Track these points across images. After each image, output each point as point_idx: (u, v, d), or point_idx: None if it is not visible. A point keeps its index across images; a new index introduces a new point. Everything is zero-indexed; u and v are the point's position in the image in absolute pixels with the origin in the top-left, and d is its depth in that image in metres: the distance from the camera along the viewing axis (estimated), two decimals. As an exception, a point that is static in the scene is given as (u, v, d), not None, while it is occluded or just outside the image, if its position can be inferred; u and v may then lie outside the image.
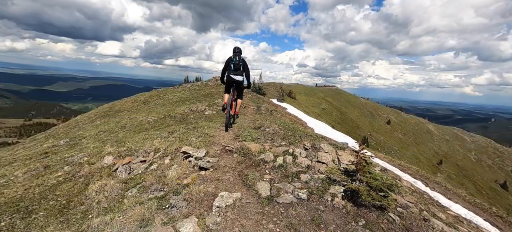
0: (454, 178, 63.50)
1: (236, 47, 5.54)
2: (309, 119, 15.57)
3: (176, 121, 10.20)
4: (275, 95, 44.68)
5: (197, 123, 8.38)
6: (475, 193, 60.74)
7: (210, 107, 11.70)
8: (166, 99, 17.32)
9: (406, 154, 62.72)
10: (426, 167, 60.74)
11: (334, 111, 66.88)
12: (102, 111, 17.30)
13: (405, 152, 63.96)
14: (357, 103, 77.28)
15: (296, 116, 14.63)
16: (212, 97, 15.79)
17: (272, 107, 15.48)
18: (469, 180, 65.45)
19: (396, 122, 74.70)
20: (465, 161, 69.26)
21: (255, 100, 17.15)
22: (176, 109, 11.97)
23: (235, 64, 5.21)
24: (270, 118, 10.83)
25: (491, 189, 66.32)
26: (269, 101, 18.72)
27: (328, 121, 57.92)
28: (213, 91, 18.49)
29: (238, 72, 5.38)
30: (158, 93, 19.73)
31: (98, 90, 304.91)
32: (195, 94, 17.56)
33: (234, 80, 5.37)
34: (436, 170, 63.72)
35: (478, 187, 65.84)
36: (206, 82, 21.77)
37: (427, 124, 77.65)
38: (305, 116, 16.90)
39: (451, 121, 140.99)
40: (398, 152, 61.78)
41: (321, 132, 11.41)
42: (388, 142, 64.67)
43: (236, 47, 5.53)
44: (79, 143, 8.80)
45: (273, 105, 17.87)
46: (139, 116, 13.04)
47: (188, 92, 18.71)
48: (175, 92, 19.32)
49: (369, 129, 66.63)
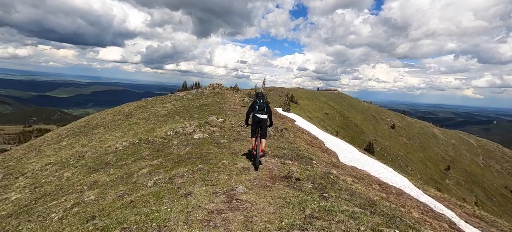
0: (463, 184, 60.25)
1: (260, 93, 6.12)
2: (325, 136, 12.59)
3: (152, 150, 7.21)
4: (279, 102, 41.75)
5: (180, 163, 5.34)
6: (485, 200, 57.42)
7: (201, 127, 8.69)
8: (153, 111, 14.31)
9: (412, 160, 59.60)
10: (434, 174, 57.59)
11: (337, 115, 63.91)
12: (76, 127, 14.27)
13: (411, 158, 60.81)
14: (360, 107, 74.32)
15: (309, 134, 11.64)
16: (206, 110, 12.81)
17: (280, 121, 12.47)
18: (479, 186, 62.16)
19: (400, 126, 71.66)
20: (473, 166, 66.06)
21: None
22: (158, 130, 8.96)
23: (259, 105, 5.69)
24: (282, 142, 7.85)
25: (502, 196, 62.96)
26: (275, 113, 15.75)
27: (331, 126, 54.93)
28: (209, 101, 15.53)
29: (262, 112, 5.71)
30: (145, 104, 16.72)
31: (99, 96, 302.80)
32: (188, 106, 14.59)
33: (260, 118, 5.64)
34: (445, 176, 60.52)
35: (487, 193, 62.49)
36: (202, 90, 18.81)
37: (432, 128, 74.59)
38: (319, 131, 13.92)
39: (452, 124, 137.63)
40: (404, 158, 58.67)
41: (347, 157, 8.43)
42: (393, 148, 61.56)
43: (260, 92, 6.19)
44: (1, 191, 5.77)
45: (280, 117, 14.88)
46: (111, 137, 10.00)
47: (180, 103, 15.73)
48: (165, 102, 16.32)
49: (373, 134, 63.58)
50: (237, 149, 6.56)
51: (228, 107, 14.08)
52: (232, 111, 13.05)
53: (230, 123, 9.01)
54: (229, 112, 12.69)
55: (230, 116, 11.28)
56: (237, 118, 10.60)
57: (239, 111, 13.68)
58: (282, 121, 12.97)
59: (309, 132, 11.88)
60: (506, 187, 62.99)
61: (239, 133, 8.27)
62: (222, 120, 9.15)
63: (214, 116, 9.45)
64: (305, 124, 14.78)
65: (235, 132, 8.26)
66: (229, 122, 9.15)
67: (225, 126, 8.74)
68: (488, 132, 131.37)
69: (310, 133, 11.75)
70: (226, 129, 8.54)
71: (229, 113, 12.53)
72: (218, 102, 15.19)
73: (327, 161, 6.39)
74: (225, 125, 8.81)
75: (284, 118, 15.00)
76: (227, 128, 8.58)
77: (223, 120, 9.25)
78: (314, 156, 6.80)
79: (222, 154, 6.10)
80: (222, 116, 10.39)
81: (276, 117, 14.24)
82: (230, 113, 12.53)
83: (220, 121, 9.09)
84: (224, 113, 12.45)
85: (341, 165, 6.38)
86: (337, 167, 6.09)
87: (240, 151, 6.44)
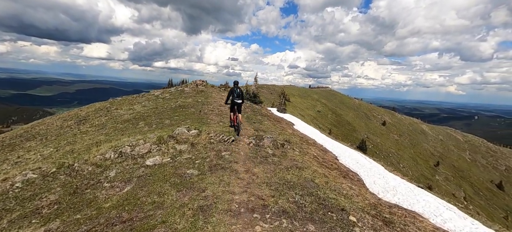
0: (452, 179, 60.03)
1: (236, 81, 7.63)
2: (332, 144, 9.74)
3: (63, 193, 4.05)
4: (271, 100, 38.73)
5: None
6: (473, 195, 57.39)
7: (161, 145, 5.52)
8: (114, 115, 10.93)
9: (403, 157, 58.67)
10: (424, 170, 56.88)
11: (330, 113, 61.93)
12: (10, 137, 10.64)
13: (402, 155, 59.87)
14: (351, 104, 72.80)
15: (317, 144, 8.71)
16: (183, 114, 9.63)
17: (278, 127, 9.46)
18: (466, 181, 62.19)
19: (391, 123, 70.78)
20: (460, 161, 66.21)
21: (251, 116, 11.09)
22: (97, 149, 5.70)
23: (237, 94, 7.25)
24: (288, 169, 4.86)
25: (488, 190, 63.28)
26: (270, 114, 12.75)
27: (324, 124, 52.68)
28: (188, 101, 12.31)
29: (239, 98, 7.28)
30: (110, 105, 13.24)
31: (85, 94, 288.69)
32: (161, 108, 11.33)
33: (238, 103, 7.25)
34: (434, 172, 60.01)
35: (475, 188, 62.57)
36: (183, 88, 15.49)
37: (421, 124, 74.36)
38: (323, 137, 11.08)
39: (437, 119, 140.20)
40: (396, 155, 57.59)
41: (378, 184, 5.63)
42: (385, 145, 60.40)
43: (236, 81, 7.61)
44: None
45: (276, 120, 11.89)
46: (34, 156, 6.65)
47: (153, 104, 12.43)
48: (134, 103, 12.93)
49: (365, 131, 62.16)
50: (211, 195, 3.52)
51: (211, 109, 10.94)
52: (216, 115, 9.96)
53: (208, 137, 5.92)
54: (212, 117, 9.58)
55: (211, 123, 8.21)
56: (220, 127, 7.54)
57: (226, 114, 10.66)
58: (280, 127, 9.98)
59: (315, 141, 8.99)
60: (492, 181, 63.50)
61: (219, 154, 5.21)
62: (195, 133, 6.02)
63: (185, 126, 6.27)
64: (306, 128, 11.92)
65: (213, 153, 5.20)
66: (207, 135, 6.05)
67: (199, 141, 5.66)
68: (470, 127, 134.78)
69: (316, 143, 8.85)
70: (200, 147, 5.47)
71: (211, 118, 9.42)
72: (199, 103, 12.02)
73: (369, 211, 3.53)
74: (200, 140, 5.72)
75: (281, 121, 12.05)
76: (202, 146, 5.50)
77: (198, 131, 6.12)
78: (344, 199, 3.90)
79: (180, 211, 3.06)
80: (197, 124, 7.26)
81: (271, 120, 11.31)
82: (212, 118, 9.42)
83: (193, 134, 5.96)
84: (205, 118, 9.34)
85: (390, 218, 3.57)
86: (390, 225, 3.25)
87: (219, 200, 3.40)
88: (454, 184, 57.19)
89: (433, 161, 62.73)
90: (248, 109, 12.28)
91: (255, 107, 13.14)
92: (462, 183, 59.39)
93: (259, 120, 10.72)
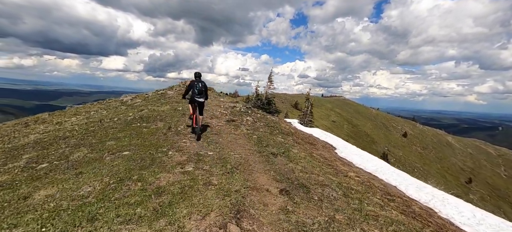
0: (488, 199, 51.30)
1: (197, 73, 5.84)
2: (417, 185, 4.47)
3: None
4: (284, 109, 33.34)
5: None
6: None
7: None
8: (20, 136, 6.02)
9: (430, 172, 51.00)
10: (456, 187, 48.81)
11: (345, 123, 55.61)
12: None
13: (429, 170, 52.17)
14: (367, 114, 66.03)
15: (402, 197, 3.54)
16: (129, 138, 4.64)
17: (328, 174, 4.19)
18: (504, 201, 53.13)
19: (412, 134, 63.26)
20: (495, 178, 57.36)
21: (266, 137, 5.94)
22: None
23: (198, 89, 5.58)
24: None
25: (532, 212, 53.60)
26: (294, 131, 7.44)
27: (340, 135, 46.43)
28: (162, 110, 7.32)
29: (201, 96, 5.67)
30: (48, 117, 8.43)
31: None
32: (110, 121, 6.43)
33: (199, 102, 5.65)
34: (467, 190, 51.64)
35: (516, 209, 53.11)
36: (166, 91, 10.58)
37: (446, 136, 66.28)
38: (396, 172, 5.74)
39: (457, 130, 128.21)
40: (421, 170, 50.07)
41: None
42: (408, 158, 53.08)
43: (197, 72, 5.83)
44: None
45: (307, 141, 6.64)
46: None
47: (104, 113, 7.55)
48: (78, 113, 8.08)
49: (385, 143, 55.19)
50: None
51: None
52: (196, 142, 4.93)
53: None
54: (186, 144, 4.55)
55: (173, 168, 3.16)
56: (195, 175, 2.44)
57: (218, 132, 5.65)
58: (324, 161, 4.75)
59: (396, 191, 3.82)
60: (536, 202, 54.20)
61: None
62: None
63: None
64: (363, 156, 6.64)
65: None
66: None
67: None
68: (494, 138, 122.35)
69: (398, 194, 3.66)
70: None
71: (184, 146, 4.39)
72: (177, 113, 7.03)
73: None
74: None
75: (315, 143, 6.81)
76: None
77: None
78: None
79: None
80: (138, 174, 2.21)
81: (300, 143, 6.12)
82: (186, 146, 4.39)
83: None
84: (168, 147, 4.33)
85: None
86: None
87: None
88: (492, 204, 48.57)
89: (464, 178, 54.50)
90: (260, 124, 7.14)
91: (271, 120, 7.95)
92: (501, 204, 50.58)
93: (281, 144, 5.59)
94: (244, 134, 6.07)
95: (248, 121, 7.06)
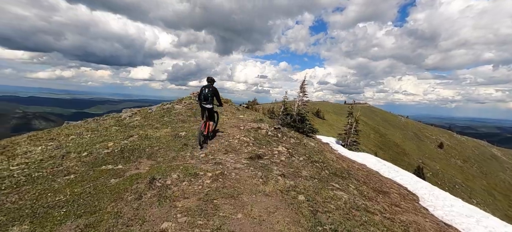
0: (551, 224, 42.66)
1: (209, 77, 5.56)
2: None
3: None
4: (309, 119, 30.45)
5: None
6: None
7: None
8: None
9: (475, 189, 44.09)
10: (508, 209, 41.47)
11: (372, 132, 50.78)
12: None
13: (472, 186, 45.20)
14: (396, 123, 60.18)
15: None
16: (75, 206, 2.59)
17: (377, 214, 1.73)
18: None
19: (449, 145, 56.14)
20: (557, 197, 48.31)
21: (317, 197, 3.40)
22: None
23: (204, 95, 5.37)
24: None
25: None
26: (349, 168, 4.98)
27: (367, 145, 41.98)
28: (158, 136, 5.38)
29: (207, 102, 5.45)
30: (27, 139, 6.91)
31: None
32: (77, 156, 4.60)
33: (206, 108, 5.53)
34: (523, 212, 43.73)
35: None
36: (173, 105, 8.74)
37: (490, 147, 57.94)
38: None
39: (499, 140, 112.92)
40: (464, 187, 43.46)
41: None
42: (447, 173, 46.61)
43: (209, 77, 5.56)
44: None
45: (375, 188, 4.19)
46: None
47: (86, 138, 5.80)
48: (60, 136, 6.43)
49: (418, 155, 49.26)
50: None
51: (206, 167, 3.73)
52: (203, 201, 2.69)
53: None
54: (163, 224, 2.38)
55: None
56: None
57: None
58: (407, 222, 2.29)
59: None
60: None
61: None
62: None
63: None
64: (471, 209, 4.10)
65: None
66: None
67: None
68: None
69: None
70: None
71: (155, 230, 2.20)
72: (178, 143, 4.99)
73: None
74: None
75: (386, 190, 4.30)
76: None
77: None
78: None
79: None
80: None
81: (370, 199, 3.66)
82: None
83: None
84: None
85: None
86: None
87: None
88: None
89: (517, 197, 46.54)
90: (300, 160, 4.77)
91: (312, 149, 5.54)
92: None
93: (349, 210, 3.10)
94: (281, 192, 3.46)
95: (282, 154, 4.80)
